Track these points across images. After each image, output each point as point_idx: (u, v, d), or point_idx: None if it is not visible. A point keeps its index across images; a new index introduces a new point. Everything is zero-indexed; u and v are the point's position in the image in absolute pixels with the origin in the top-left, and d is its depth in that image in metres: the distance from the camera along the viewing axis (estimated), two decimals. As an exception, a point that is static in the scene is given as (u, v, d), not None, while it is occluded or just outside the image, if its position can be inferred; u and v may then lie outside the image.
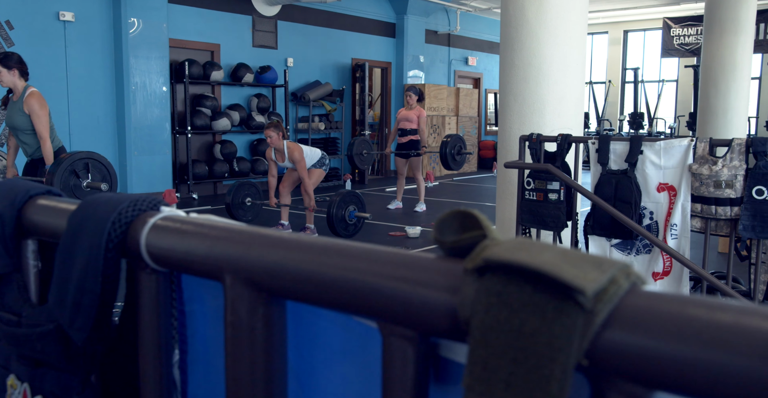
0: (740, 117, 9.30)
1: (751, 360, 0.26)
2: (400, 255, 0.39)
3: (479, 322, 0.32)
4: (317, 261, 0.41)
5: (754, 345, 0.26)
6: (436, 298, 0.35)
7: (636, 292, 0.31)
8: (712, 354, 0.27)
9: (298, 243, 0.43)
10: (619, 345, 0.30)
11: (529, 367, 0.31)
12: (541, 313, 0.31)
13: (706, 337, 0.27)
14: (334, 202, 6.16)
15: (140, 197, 0.56)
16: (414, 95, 7.70)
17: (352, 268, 0.39)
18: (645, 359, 0.29)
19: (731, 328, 0.27)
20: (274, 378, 0.46)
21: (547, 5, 4.90)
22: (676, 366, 0.28)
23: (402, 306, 0.37)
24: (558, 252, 0.32)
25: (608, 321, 0.30)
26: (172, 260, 0.51)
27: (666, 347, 0.28)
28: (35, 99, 4.40)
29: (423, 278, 0.37)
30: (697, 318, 0.28)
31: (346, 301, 0.39)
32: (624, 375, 0.30)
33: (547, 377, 0.30)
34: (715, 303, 0.29)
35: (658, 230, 3.70)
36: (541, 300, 0.31)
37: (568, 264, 0.31)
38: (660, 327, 0.29)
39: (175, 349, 0.60)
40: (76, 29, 7.84)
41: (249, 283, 0.45)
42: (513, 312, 0.31)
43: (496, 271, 0.33)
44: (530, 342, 0.31)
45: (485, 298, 0.32)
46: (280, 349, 0.47)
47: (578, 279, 0.30)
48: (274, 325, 0.46)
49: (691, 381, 0.28)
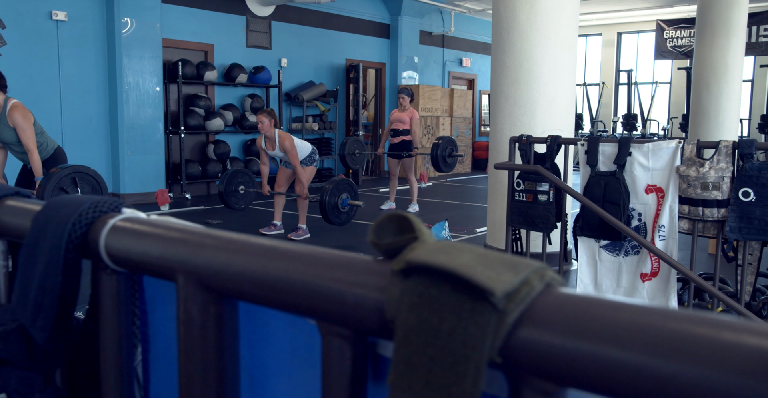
0: (732, 119, 9.34)
1: (647, 357, 0.27)
2: (337, 256, 0.40)
3: (403, 321, 0.33)
4: (261, 263, 0.42)
5: (650, 343, 0.27)
6: (368, 298, 0.37)
7: (550, 293, 0.32)
8: (615, 352, 0.28)
9: (244, 245, 0.44)
10: (530, 344, 0.31)
11: (446, 365, 0.32)
12: (457, 313, 0.32)
13: (610, 336, 0.28)
14: (327, 190, 6.18)
15: (102, 199, 0.57)
16: (407, 97, 7.74)
17: (292, 269, 0.40)
18: (555, 357, 0.30)
19: (630, 327, 0.28)
20: (226, 375, 0.47)
21: (538, 7, 4.92)
22: (584, 363, 0.29)
23: (337, 306, 0.38)
24: (477, 255, 0.33)
25: (520, 320, 0.32)
26: (129, 261, 0.52)
27: (575, 345, 0.29)
28: (18, 112, 4.38)
29: (356, 279, 0.38)
30: (602, 318, 0.29)
31: (288, 301, 0.40)
32: (536, 373, 0.31)
33: (462, 374, 0.31)
34: (620, 303, 0.30)
35: (647, 231, 3.72)
36: (457, 300, 0.32)
37: (484, 266, 0.32)
38: (569, 327, 0.30)
39: (138, 348, 0.61)
40: (69, 29, 7.83)
41: (199, 284, 0.46)
42: (433, 312, 0.33)
43: (420, 273, 0.34)
44: (447, 341, 0.32)
45: (408, 298, 0.33)
46: (232, 347, 0.48)
47: (490, 281, 0.31)
48: (226, 324, 0.47)
49: (598, 378, 0.29)
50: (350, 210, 6.51)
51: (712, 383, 0.25)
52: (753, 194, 3.31)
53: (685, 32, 13.50)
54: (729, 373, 0.25)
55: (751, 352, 0.25)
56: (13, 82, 7.40)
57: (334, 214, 6.32)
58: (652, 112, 15.02)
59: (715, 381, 0.25)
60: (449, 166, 8.01)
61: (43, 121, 7.67)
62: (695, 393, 0.26)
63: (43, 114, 7.68)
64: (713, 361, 0.25)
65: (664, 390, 0.27)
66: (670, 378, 0.26)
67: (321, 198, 6.13)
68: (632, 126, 14.31)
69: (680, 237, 4.03)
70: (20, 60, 7.48)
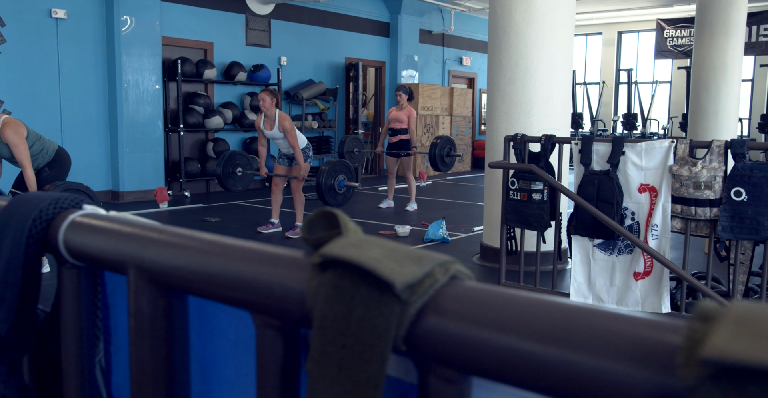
0: (731, 118, 9.34)
1: (540, 346, 0.29)
2: (270, 251, 0.42)
3: (319, 312, 0.35)
4: (201, 258, 0.44)
5: (540, 332, 0.29)
6: (293, 290, 0.38)
7: (454, 285, 0.34)
8: (510, 341, 0.30)
9: (188, 240, 0.46)
10: (432, 333, 0.33)
11: (355, 353, 0.33)
12: (365, 304, 0.34)
13: (504, 326, 0.30)
14: (324, 171, 6.20)
15: (63, 196, 0.59)
16: (404, 94, 7.75)
17: (228, 264, 0.42)
18: (455, 345, 0.32)
19: (521, 317, 0.30)
20: (175, 364, 0.49)
21: (534, 6, 4.93)
22: (482, 352, 0.31)
23: (266, 298, 0.40)
24: (387, 249, 0.35)
25: (424, 310, 0.33)
26: (86, 255, 0.54)
27: (473, 335, 0.31)
28: (10, 129, 4.41)
29: (284, 272, 0.40)
30: (498, 308, 0.31)
31: (225, 294, 0.42)
32: (439, 360, 0.33)
33: (369, 361, 0.33)
34: (517, 295, 0.32)
35: (640, 230, 3.73)
36: (366, 292, 0.34)
37: (390, 260, 0.34)
38: (468, 317, 0.32)
39: (100, 341, 0.63)
40: (69, 26, 7.85)
41: (148, 277, 0.47)
42: (344, 303, 0.34)
43: (336, 266, 0.35)
44: (356, 330, 0.34)
45: (324, 290, 0.35)
46: (181, 338, 0.49)
47: (392, 273, 0.33)
48: (174, 316, 0.49)
49: (495, 366, 0.31)
50: (347, 192, 6.53)
51: (593, 367, 0.27)
52: (745, 194, 3.32)
53: (685, 32, 13.49)
54: (606, 358, 0.27)
55: (626, 339, 0.27)
56: (12, 80, 7.44)
57: (331, 195, 6.33)
58: (653, 111, 15.02)
59: (594, 365, 0.27)
60: (447, 165, 8.03)
61: (43, 118, 7.71)
62: (578, 376, 0.27)
63: (43, 112, 7.71)
64: (594, 348, 0.27)
65: (552, 375, 0.28)
66: (557, 364, 0.28)
67: (317, 179, 6.17)
68: (632, 125, 14.30)
69: (675, 236, 4.05)
70: (20, 58, 7.50)
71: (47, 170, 4.80)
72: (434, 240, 6.19)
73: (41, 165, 4.74)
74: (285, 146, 6.21)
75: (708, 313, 0.25)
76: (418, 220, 7.24)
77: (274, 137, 6.12)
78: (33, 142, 4.62)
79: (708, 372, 0.23)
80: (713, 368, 0.23)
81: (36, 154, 4.65)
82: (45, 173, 4.80)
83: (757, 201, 3.29)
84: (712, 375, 0.23)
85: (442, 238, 6.17)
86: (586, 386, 0.27)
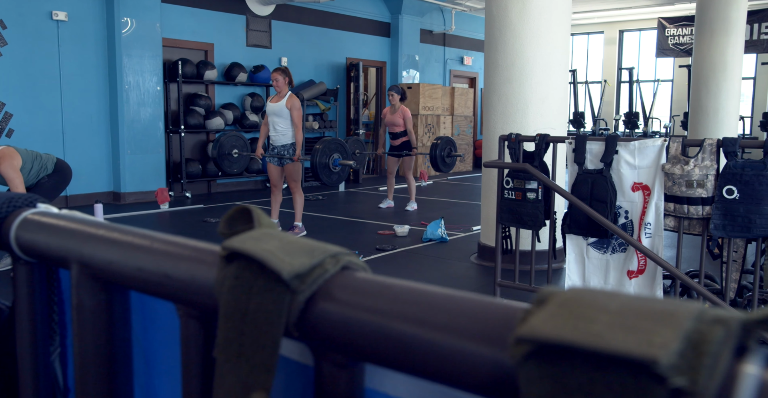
0: (731, 116, 9.34)
1: (410, 329, 0.31)
2: (190, 246, 0.44)
3: (224, 301, 0.37)
4: (132, 253, 0.46)
5: (410, 316, 0.31)
6: (208, 282, 0.41)
7: (344, 275, 0.36)
8: (388, 326, 0.32)
9: (122, 236, 0.48)
10: (321, 320, 0.35)
11: (252, 339, 0.36)
12: (260, 293, 0.36)
13: (387, 313, 0.32)
14: (318, 150, 6.22)
15: (17, 195, 0.62)
16: (396, 94, 7.76)
17: (154, 258, 0.44)
18: (341, 332, 0.34)
19: (400, 306, 0.32)
20: (117, 355, 0.51)
21: (530, 6, 4.95)
22: (364, 337, 0.33)
23: (186, 290, 0.42)
24: (284, 242, 0.37)
25: (313, 299, 0.35)
26: (36, 252, 0.57)
27: (356, 321, 0.33)
28: (6, 163, 4.48)
29: (201, 265, 0.42)
30: (381, 296, 0.33)
31: (152, 287, 0.45)
32: (328, 346, 0.35)
33: (262, 346, 0.35)
34: (396, 284, 0.34)
35: (633, 229, 3.74)
36: (262, 282, 0.36)
37: (283, 252, 0.36)
38: (352, 305, 0.34)
39: (57, 335, 0.66)
40: (69, 28, 7.90)
41: (88, 272, 0.50)
42: (244, 293, 0.37)
43: (240, 258, 0.38)
44: (253, 318, 0.36)
45: (228, 281, 0.37)
46: (123, 330, 0.52)
47: (282, 264, 0.35)
48: (115, 309, 0.51)
49: (376, 350, 0.33)
50: (342, 171, 6.55)
51: (452, 347, 0.29)
52: (737, 192, 3.33)
53: (686, 30, 13.47)
54: (462, 339, 0.29)
55: (480, 321, 0.29)
56: (14, 82, 7.49)
57: (325, 173, 6.35)
58: (654, 110, 15.00)
59: (453, 345, 0.29)
60: (448, 165, 8.04)
61: (44, 120, 7.76)
62: (439, 355, 0.30)
63: (44, 113, 7.76)
64: (452, 329, 0.29)
65: (418, 355, 0.31)
66: (422, 345, 0.30)
67: (312, 158, 6.19)
68: (634, 124, 14.29)
69: (671, 235, 4.06)
70: (21, 60, 7.55)
71: (47, 179, 4.86)
72: (433, 240, 6.21)
73: (41, 176, 4.81)
74: (282, 129, 6.10)
75: (543, 297, 0.27)
76: (418, 220, 7.26)
77: (276, 113, 6.07)
78: (30, 165, 4.69)
79: (527, 350, 0.25)
80: (531, 346, 0.25)
81: (35, 176, 4.74)
82: (44, 180, 4.85)
83: (749, 199, 3.30)
84: (532, 353, 0.25)
85: (440, 238, 6.19)
86: (448, 365, 0.29)
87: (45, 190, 4.80)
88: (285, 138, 6.13)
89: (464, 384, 0.28)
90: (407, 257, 5.62)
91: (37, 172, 4.76)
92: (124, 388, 0.52)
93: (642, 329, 0.23)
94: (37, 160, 4.78)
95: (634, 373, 0.23)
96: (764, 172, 3.26)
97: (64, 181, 5.02)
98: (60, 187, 5.01)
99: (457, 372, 0.29)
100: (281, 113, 6.06)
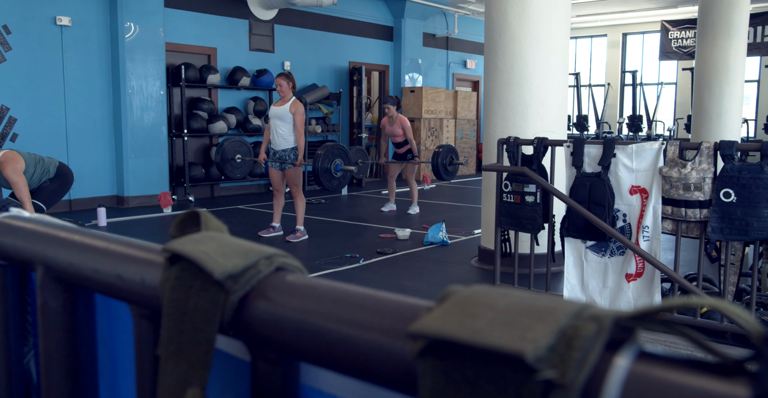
0: (734, 119, 9.32)
1: (345, 329, 0.33)
2: (141, 247, 0.46)
3: (166, 301, 0.39)
4: (87, 255, 0.48)
5: (332, 314, 0.33)
6: (155, 283, 0.42)
7: (277, 276, 0.38)
8: (322, 326, 0.34)
9: (82, 238, 0.50)
10: (253, 318, 0.36)
11: (189, 336, 0.37)
12: (198, 293, 0.37)
13: (308, 310, 0.34)
14: (320, 155, 6.26)
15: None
16: (392, 106, 7.82)
17: (110, 260, 0.46)
18: (272, 330, 0.35)
19: (321, 303, 0.33)
20: (81, 355, 0.53)
21: (529, 10, 4.96)
22: (293, 335, 0.34)
23: (137, 290, 0.44)
24: (221, 244, 0.39)
25: (247, 298, 0.37)
26: (6, 255, 0.58)
27: (284, 319, 0.35)
28: (9, 167, 4.55)
29: (149, 267, 0.44)
30: (310, 296, 0.35)
31: (106, 288, 0.46)
32: (261, 343, 0.36)
33: (199, 342, 0.37)
34: (321, 284, 0.35)
35: (631, 232, 3.74)
36: (199, 282, 0.38)
37: (219, 254, 0.37)
38: (282, 304, 0.35)
39: (31, 336, 0.67)
40: (73, 33, 7.96)
41: (52, 275, 0.52)
42: (184, 292, 0.38)
43: (181, 259, 0.39)
44: (191, 316, 0.37)
45: (170, 282, 0.39)
46: (86, 331, 0.53)
47: (215, 265, 0.37)
48: (79, 311, 0.53)
49: (308, 350, 0.34)
50: (343, 176, 6.59)
51: (369, 342, 0.31)
52: (734, 195, 3.33)
53: (689, 33, 13.46)
54: (377, 334, 0.30)
55: (391, 318, 0.30)
56: (18, 86, 7.55)
57: (326, 178, 6.39)
58: (658, 113, 14.99)
59: (370, 340, 0.31)
60: (450, 174, 8.03)
61: (48, 124, 7.81)
62: (358, 350, 0.31)
63: (48, 118, 7.81)
64: (369, 326, 0.31)
65: (338, 351, 0.32)
66: (342, 341, 0.32)
67: (314, 163, 6.23)
68: (638, 127, 14.27)
69: (671, 238, 4.06)
70: (25, 65, 7.61)
71: (49, 182, 4.91)
72: (434, 243, 6.22)
73: (43, 180, 4.87)
74: (283, 133, 6.12)
75: (445, 295, 0.28)
76: (420, 223, 7.27)
77: (279, 116, 6.09)
78: (33, 169, 4.74)
79: (421, 346, 0.27)
80: (425, 342, 0.27)
81: (38, 179, 4.79)
82: (46, 185, 4.90)
83: (746, 202, 3.30)
84: (426, 348, 0.27)
85: (441, 241, 6.20)
86: (363, 361, 0.31)
87: (47, 193, 4.84)
88: (287, 142, 6.15)
89: (378, 379, 0.30)
90: (408, 260, 5.63)
91: (40, 176, 4.81)
92: (90, 388, 0.54)
93: (519, 325, 0.25)
94: (40, 164, 4.82)
95: (511, 367, 0.24)
96: (761, 175, 3.26)
97: (65, 184, 5.06)
98: (61, 191, 5.06)
99: (372, 368, 0.30)
100: (284, 117, 6.08)
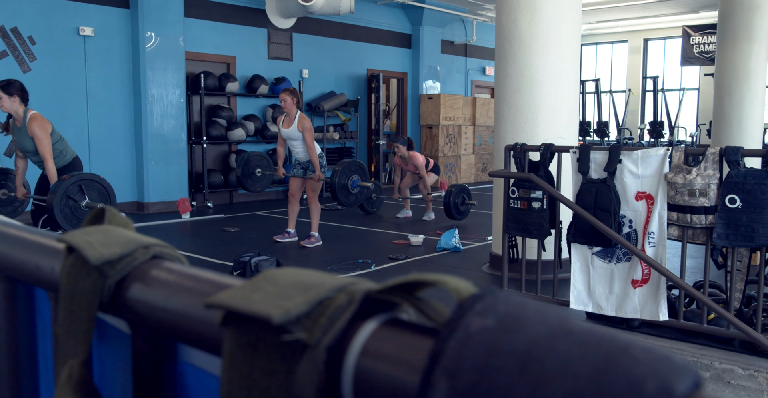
0: (755, 125, 9.21)
1: (194, 311, 0.37)
2: (52, 237, 0.51)
3: (62, 285, 0.44)
4: (28, 255, 0.53)
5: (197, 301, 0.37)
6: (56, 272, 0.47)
7: (152, 263, 0.42)
8: (177, 308, 0.38)
9: (14, 232, 0.55)
10: (128, 300, 0.41)
11: (77, 316, 0.42)
12: (84, 278, 0.42)
13: (174, 294, 0.39)
14: (337, 172, 6.36)
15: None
16: (402, 146, 7.85)
17: (28, 251, 0.51)
18: (145, 310, 0.40)
19: (184, 289, 0.38)
20: (19, 349, 0.58)
21: (539, 17, 4.98)
22: (167, 316, 0.39)
23: (50, 278, 0.49)
24: (107, 236, 0.44)
25: (124, 282, 0.42)
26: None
27: (150, 302, 0.40)
28: (36, 123, 4.62)
29: (57, 256, 0.49)
30: (176, 282, 0.40)
31: (29, 277, 0.51)
32: (137, 322, 0.41)
33: (83, 321, 0.42)
34: (190, 272, 0.40)
35: (637, 238, 3.74)
36: (86, 268, 0.43)
37: (101, 244, 0.42)
38: (152, 287, 0.40)
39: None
40: (96, 43, 8.15)
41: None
42: (74, 277, 0.43)
43: (75, 249, 0.44)
44: (77, 298, 0.43)
45: (66, 268, 0.44)
46: (25, 324, 0.59)
47: (93, 252, 0.42)
48: (17, 304, 0.58)
49: (175, 328, 0.39)
50: (360, 193, 6.67)
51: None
52: (739, 201, 3.32)
53: (711, 38, 13.33)
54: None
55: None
56: (42, 95, 7.74)
57: (343, 194, 6.48)
58: (680, 119, 14.83)
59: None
60: (462, 214, 7.99)
61: (71, 132, 7.99)
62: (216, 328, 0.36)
63: (71, 126, 8.00)
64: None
65: (207, 330, 0.37)
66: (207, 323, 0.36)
67: (331, 179, 6.34)
68: (659, 133, 14.14)
69: (675, 244, 4.04)
70: (49, 74, 7.81)
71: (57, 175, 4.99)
72: (446, 249, 6.24)
73: (57, 167, 4.91)
74: (301, 150, 6.27)
75: (258, 275, 0.33)
76: (434, 229, 7.29)
77: (291, 137, 6.19)
78: (56, 140, 4.83)
79: (221, 316, 0.31)
80: (222, 312, 0.31)
81: (56, 154, 4.83)
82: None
83: (752, 208, 3.28)
84: (226, 318, 0.31)
85: (454, 247, 6.22)
86: (217, 336, 0.35)
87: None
88: (307, 155, 6.30)
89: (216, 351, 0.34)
90: (419, 266, 5.66)
91: (59, 151, 4.85)
92: (28, 380, 0.59)
93: (285, 296, 0.29)
94: (62, 142, 4.91)
95: (277, 331, 0.29)
96: (766, 181, 3.24)
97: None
98: None
99: (220, 344, 0.35)
100: (295, 136, 6.20)
